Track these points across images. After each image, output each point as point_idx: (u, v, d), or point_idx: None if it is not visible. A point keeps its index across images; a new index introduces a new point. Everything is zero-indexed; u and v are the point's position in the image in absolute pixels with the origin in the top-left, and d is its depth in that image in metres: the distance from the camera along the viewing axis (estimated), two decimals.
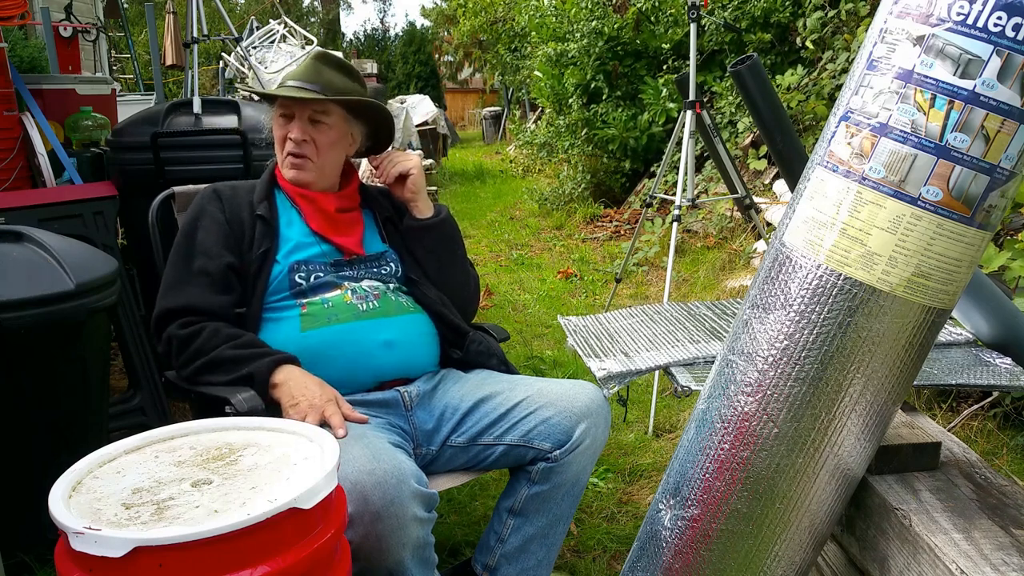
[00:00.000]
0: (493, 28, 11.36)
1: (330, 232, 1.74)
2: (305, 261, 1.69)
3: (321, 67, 1.77)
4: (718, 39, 5.87)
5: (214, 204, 1.73)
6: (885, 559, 1.23)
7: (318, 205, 1.76)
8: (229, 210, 1.72)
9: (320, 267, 1.70)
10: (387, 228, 1.86)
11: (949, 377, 1.54)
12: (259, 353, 1.54)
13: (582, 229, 6.62)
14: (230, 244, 1.68)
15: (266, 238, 1.70)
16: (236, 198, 1.75)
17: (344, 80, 1.79)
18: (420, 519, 1.34)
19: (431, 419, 1.66)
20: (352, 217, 1.82)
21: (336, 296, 1.67)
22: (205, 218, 1.71)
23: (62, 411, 1.99)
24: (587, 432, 1.59)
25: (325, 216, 1.76)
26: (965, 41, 0.97)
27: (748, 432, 1.16)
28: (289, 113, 1.75)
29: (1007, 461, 2.27)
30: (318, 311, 1.65)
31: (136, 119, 3.03)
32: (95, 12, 7.06)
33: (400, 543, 1.30)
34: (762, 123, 2.14)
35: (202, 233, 1.69)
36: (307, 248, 1.71)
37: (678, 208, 3.02)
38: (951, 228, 1.02)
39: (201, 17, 4.35)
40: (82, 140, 3.51)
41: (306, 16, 26.74)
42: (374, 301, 1.70)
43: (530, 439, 1.59)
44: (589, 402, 1.62)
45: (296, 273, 1.67)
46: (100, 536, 0.91)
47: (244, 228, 1.71)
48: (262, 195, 1.77)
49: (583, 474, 1.63)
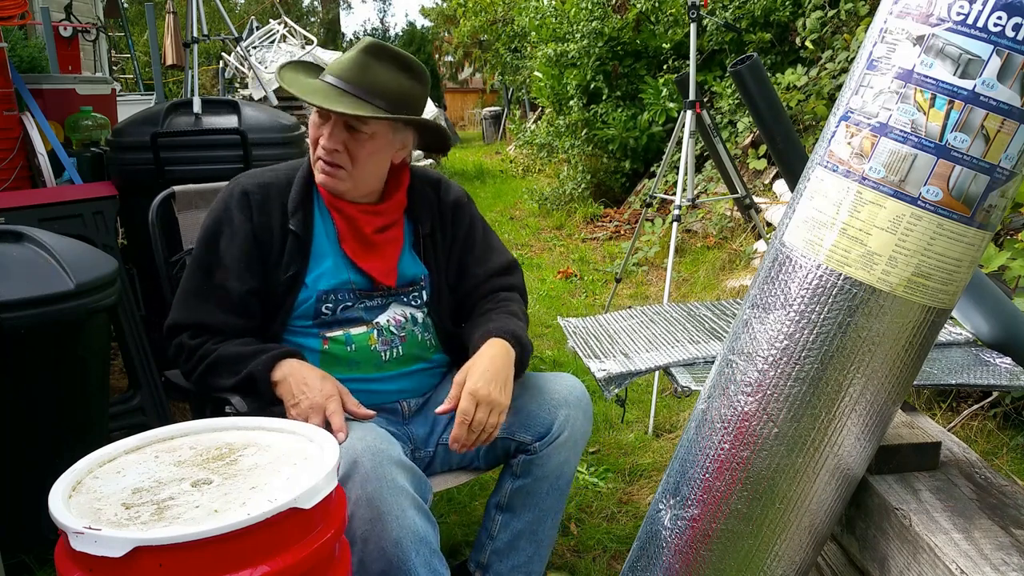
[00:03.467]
0: (493, 28, 11.35)
1: (363, 258, 1.57)
2: (333, 290, 1.56)
3: (369, 63, 1.49)
4: (718, 39, 5.87)
5: (241, 211, 1.54)
6: (885, 559, 1.23)
7: (356, 225, 1.57)
8: (258, 219, 1.54)
9: (347, 295, 1.57)
10: (426, 244, 1.66)
11: (949, 377, 1.54)
12: (259, 349, 1.48)
13: (582, 229, 6.62)
14: (254, 264, 1.53)
15: (297, 257, 1.54)
16: (267, 203, 1.55)
17: (398, 79, 1.51)
18: (413, 498, 1.34)
19: (427, 423, 1.66)
20: (391, 236, 1.62)
21: (361, 335, 1.57)
22: (230, 226, 1.54)
23: (62, 411, 1.99)
24: (566, 423, 1.57)
25: (361, 240, 1.57)
26: (965, 41, 0.97)
27: (748, 432, 1.16)
28: (323, 112, 1.51)
29: (1007, 461, 2.27)
30: (339, 352, 1.56)
31: (136, 119, 3.03)
32: (95, 12, 7.06)
33: (394, 514, 1.29)
34: (762, 123, 2.14)
35: (225, 243, 1.53)
36: (336, 274, 1.57)
37: (678, 208, 3.02)
38: (951, 228, 1.02)
39: (201, 17, 4.35)
40: (82, 140, 3.51)
41: (306, 16, 26.74)
42: (399, 347, 1.60)
43: (512, 432, 1.58)
44: (567, 393, 1.60)
45: (323, 304, 1.55)
46: (100, 536, 0.91)
47: (273, 241, 1.54)
48: (297, 202, 1.56)
49: (565, 466, 1.60)
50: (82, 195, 2.86)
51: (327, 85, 1.51)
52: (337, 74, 1.50)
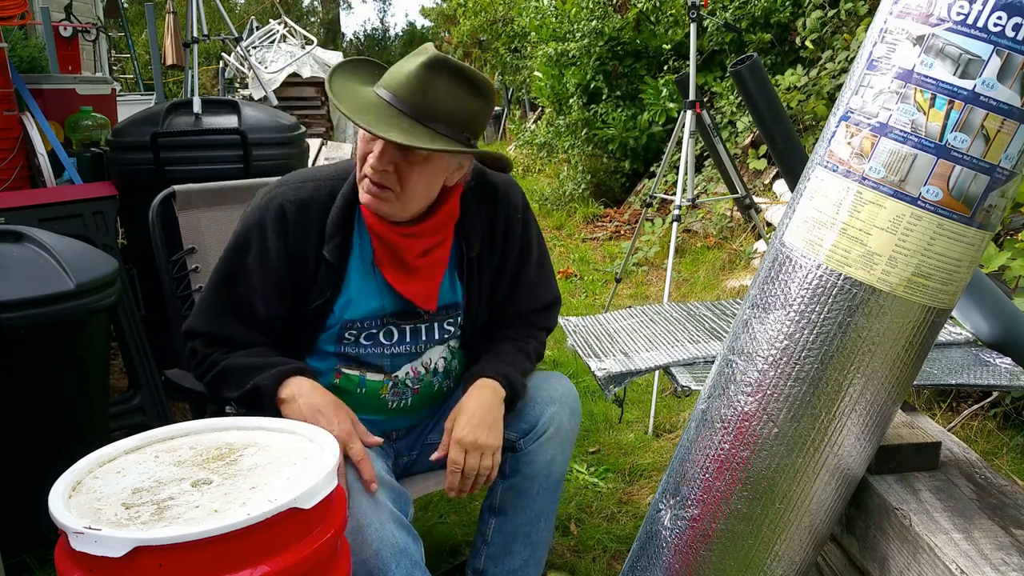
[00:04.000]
0: (493, 28, 11.35)
1: (403, 283, 1.48)
2: (360, 319, 1.49)
3: (430, 79, 1.33)
4: (718, 39, 5.87)
5: (276, 229, 1.45)
6: (885, 559, 1.23)
7: (397, 253, 1.46)
8: (294, 242, 1.45)
9: (374, 323, 1.50)
10: (470, 268, 1.55)
11: (949, 377, 1.54)
12: (268, 363, 1.42)
13: (582, 229, 6.62)
14: (284, 290, 1.47)
15: (328, 285, 1.47)
16: (305, 225, 1.46)
17: (460, 99, 1.35)
18: (392, 512, 1.34)
19: (414, 435, 1.67)
20: (435, 258, 1.50)
21: (375, 383, 1.54)
22: (262, 243, 1.46)
23: (62, 411, 1.99)
24: (551, 420, 1.55)
25: (401, 266, 1.47)
26: (965, 41, 0.97)
27: (748, 432, 1.17)
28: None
29: (1007, 461, 2.27)
30: (349, 390, 1.52)
31: (136, 119, 3.03)
32: (95, 12, 7.06)
33: (373, 527, 1.30)
34: (762, 123, 2.14)
35: (253, 259, 1.46)
36: (367, 301, 1.49)
37: (678, 208, 3.02)
38: (951, 228, 1.03)
39: (201, 17, 4.36)
40: (82, 140, 3.52)
41: (306, 16, 26.72)
42: (410, 397, 1.57)
43: None
44: (552, 390, 1.58)
45: (347, 331, 1.50)
46: (100, 536, 0.92)
47: (307, 267, 1.46)
48: (337, 224, 1.46)
49: (554, 465, 1.57)
50: (82, 195, 2.87)
51: (381, 102, 1.36)
52: (394, 90, 1.35)
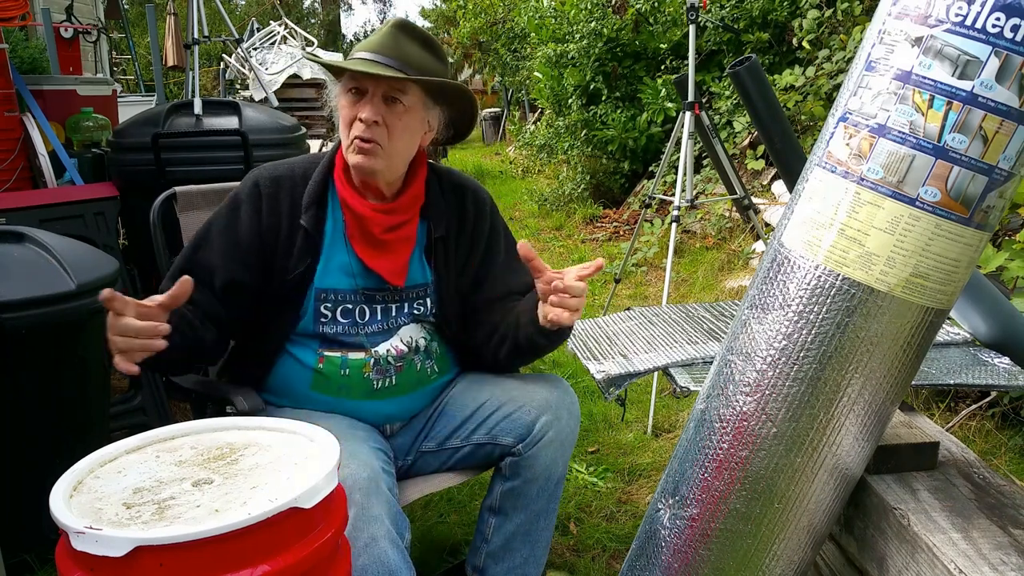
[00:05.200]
0: (492, 29, 11.35)
1: (371, 257, 1.56)
2: (333, 290, 1.55)
3: (401, 38, 1.52)
4: (716, 39, 5.87)
5: (250, 203, 1.55)
6: (883, 559, 1.24)
7: (365, 225, 1.55)
8: (267, 213, 1.54)
9: (348, 296, 1.56)
10: (437, 248, 1.63)
11: (947, 377, 1.54)
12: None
13: (581, 230, 6.62)
14: (250, 257, 1.53)
15: (307, 254, 1.53)
16: (277, 197, 1.55)
17: (426, 57, 1.53)
18: (388, 530, 1.33)
19: (410, 434, 1.67)
20: (403, 235, 1.59)
21: (356, 361, 1.56)
22: (233, 213, 1.55)
23: (63, 411, 1.99)
24: (549, 425, 1.56)
25: (369, 239, 1.56)
26: (963, 42, 0.98)
27: (747, 432, 1.17)
28: (362, 88, 1.49)
29: (1005, 461, 2.28)
30: (333, 375, 1.55)
31: (137, 120, 3.04)
32: (96, 13, 7.07)
33: (363, 541, 1.29)
34: (760, 124, 2.14)
35: (221, 226, 1.55)
36: (339, 273, 1.56)
37: (677, 209, 3.03)
38: (949, 228, 1.03)
39: (202, 18, 4.37)
40: (83, 141, 3.52)
41: (306, 17, 26.72)
42: (393, 376, 1.58)
43: (495, 436, 1.59)
44: (549, 395, 1.60)
45: (322, 303, 1.54)
46: (101, 536, 0.92)
47: (279, 237, 1.54)
48: (313, 196, 1.56)
49: (554, 467, 1.59)
50: (83, 196, 2.88)
51: (366, 60, 1.50)
52: (372, 49, 1.50)
